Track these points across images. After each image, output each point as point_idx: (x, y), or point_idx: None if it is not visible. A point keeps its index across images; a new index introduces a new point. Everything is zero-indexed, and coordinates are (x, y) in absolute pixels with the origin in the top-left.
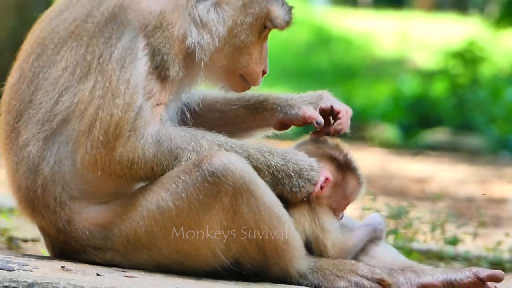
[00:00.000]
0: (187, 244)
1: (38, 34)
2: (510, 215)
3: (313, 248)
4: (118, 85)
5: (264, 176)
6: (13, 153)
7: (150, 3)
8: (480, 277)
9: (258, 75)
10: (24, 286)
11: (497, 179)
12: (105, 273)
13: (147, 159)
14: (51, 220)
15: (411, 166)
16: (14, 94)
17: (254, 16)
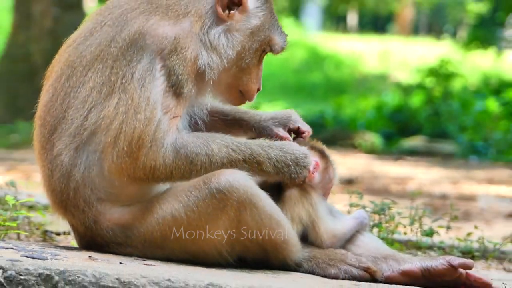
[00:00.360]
0: (196, 246)
1: (67, 57)
2: (478, 211)
3: (308, 234)
4: (140, 102)
5: (267, 167)
6: (48, 162)
7: (166, 30)
8: (453, 264)
9: (255, 92)
10: (56, 273)
11: (467, 180)
12: (127, 262)
13: (167, 165)
14: (80, 219)
15: (392, 168)
16: (49, 110)
17: (259, 42)
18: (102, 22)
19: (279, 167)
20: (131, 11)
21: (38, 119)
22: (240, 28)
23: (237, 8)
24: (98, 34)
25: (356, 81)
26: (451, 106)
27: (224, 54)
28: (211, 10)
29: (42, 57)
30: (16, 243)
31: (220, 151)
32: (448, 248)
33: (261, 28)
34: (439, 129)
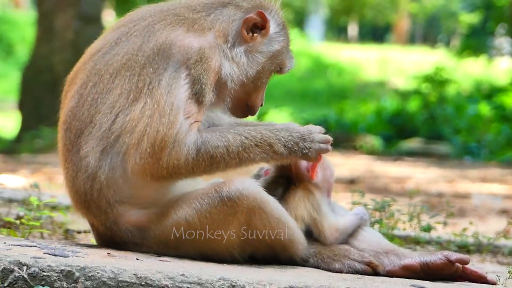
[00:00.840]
0: (208, 248)
1: (93, 66)
2: (473, 208)
3: (312, 230)
4: (165, 107)
5: (279, 148)
6: (73, 163)
7: (191, 41)
8: (450, 259)
9: (259, 107)
10: (77, 269)
11: (461, 179)
12: (143, 258)
13: (189, 163)
14: (101, 219)
15: (392, 169)
16: (75, 115)
17: (276, 64)
18: (128, 33)
19: (289, 146)
20: (158, 22)
21: (63, 123)
22: (262, 50)
23: (260, 32)
24: (124, 44)
25: (357, 88)
26: (446, 110)
27: (244, 71)
28: (235, 30)
29: (64, 68)
30: (39, 241)
31: (235, 140)
32: (445, 242)
33: (280, 52)
34: (435, 132)
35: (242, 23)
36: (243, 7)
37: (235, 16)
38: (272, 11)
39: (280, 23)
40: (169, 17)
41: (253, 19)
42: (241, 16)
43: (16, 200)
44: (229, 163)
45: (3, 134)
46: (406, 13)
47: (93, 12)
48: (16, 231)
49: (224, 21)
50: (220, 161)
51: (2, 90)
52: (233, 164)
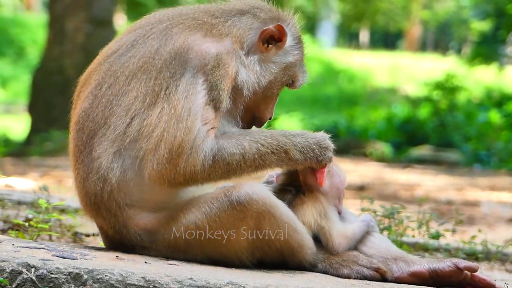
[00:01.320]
0: (217, 252)
1: (108, 67)
2: (482, 216)
3: (320, 238)
4: (182, 112)
5: (294, 154)
6: (84, 164)
7: (209, 46)
8: (459, 267)
9: (266, 120)
10: (85, 272)
11: (471, 187)
12: (152, 262)
13: (205, 169)
14: (110, 222)
15: (401, 176)
16: (88, 116)
17: (288, 76)
18: (145, 35)
19: (305, 152)
20: (176, 26)
21: (75, 124)
22: (276, 61)
23: (275, 44)
24: (141, 46)
25: (367, 94)
26: (456, 117)
27: (257, 78)
28: (251, 38)
29: (75, 71)
30: (48, 244)
31: (251, 148)
32: (454, 250)
33: (294, 65)
34: (445, 139)
35: (260, 34)
36: (261, 17)
37: (253, 25)
38: (289, 24)
39: (296, 37)
40: (187, 21)
41: (271, 32)
42: (258, 25)
43: (25, 202)
44: (245, 170)
45: (13, 136)
46: (417, 20)
47: (105, 16)
48: (25, 233)
49: (241, 28)
50: (236, 168)
51: (13, 92)
52: (249, 171)
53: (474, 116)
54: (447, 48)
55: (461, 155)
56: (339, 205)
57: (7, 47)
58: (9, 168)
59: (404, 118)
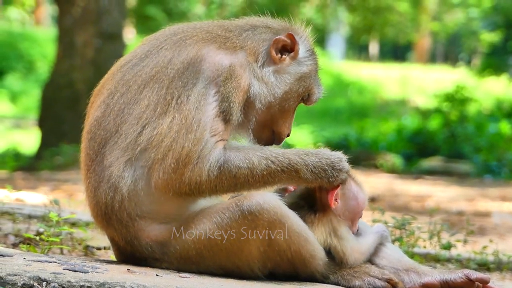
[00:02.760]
0: (229, 263)
1: (121, 76)
2: (493, 226)
3: (334, 255)
4: (192, 123)
5: (304, 174)
6: (96, 173)
7: (222, 57)
8: (470, 278)
9: (285, 136)
10: (96, 285)
11: (482, 197)
12: (163, 275)
13: (211, 180)
14: (122, 233)
15: (412, 187)
16: (100, 125)
17: (304, 88)
18: (159, 46)
19: (316, 172)
20: (190, 37)
21: (87, 133)
22: (290, 71)
23: (289, 54)
24: (154, 56)
25: (377, 106)
26: (466, 128)
27: (272, 90)
28: (265, 50)
29: (85, 85)
30: (59, 257)
31: (260, 164)
32: (465, 260)
33: (308, 76)
34: (456, 150)
35: (272, 43)
36: (274, 29)
37: (266, 36)
38: (302, 36)
39: (309, 49)
40: (201, 33)
41: (282, 41)
42: (271, 37)
43: (35, 216)
44: (253, 184)
45: (23, 151)
46: (427, 32)
47: (114, 30)
48: (36, 247)
49: (255, 40)
50: (243, 182)
51: (23, 107)
52: (257, 186)
53: (484, 127)
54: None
55: (471, 166)
56: (352, 227)
57: (17, 62)
58: (19, 183)
59: (414, 130)
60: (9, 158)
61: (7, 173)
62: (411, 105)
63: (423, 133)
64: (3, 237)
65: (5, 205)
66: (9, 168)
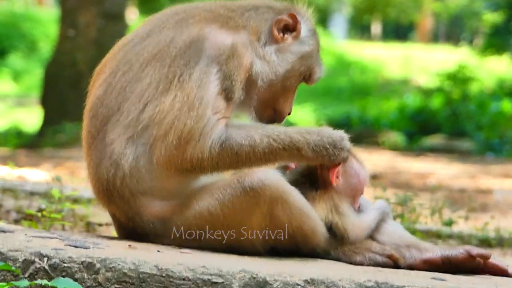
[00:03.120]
0: (231, 238)
1: (123, 55)
2: (494, 203)
3: (335, 232)
4: (194, 101)
5: (306, 152)
6: (97, 150)
7: (224, 37)
8: (471, 254)
9: (286, 114)
10: (98, 260)
11: (483, 175)
12: (164, 251)
13: (213, 157)
14: (124, 209)
15: (414, 164)
16: (102, 103)
17: (306, 67)
18: (161, 25)
19: (317, 151)
20: (192, 17)
21: (89, 111)
22: (292, 50)
23: (291, 33)
24: (156, 35)
25: (379, 85)
26: (468, 107)
27: (274, 68)
28: (267, 29)
29: (87, 65)
30: (60, 233)
31: (261, 142)
32: (467, 237)
33: (310, 55)
34: (458, 128)
35: (274, 23)
36: (276, 9)
37: (268, 16)
38: (304, 16)
39: (311, 29)
40: (204, 13)
41: (284, 20)
42: (273, 16)
43: (38, 193)
44: (255, 162)
45: (26, 129)
46: (429, 12)
47: (117, 10)
48: (38, 223)
49: (257, 20)
50: (245, 160)
51: (25, 86)
52: (258, 163)
53: (486, 106)
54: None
55: (473, 144)
56: (354, 204)
57: (19, 42)
58: (22, 160)
59: (416, 108)
60: (11, 136)
61: (10, 150)
62: (413, 84)
63: (425, 111)
64: (5, 213)
65: (7, 182)
66: (11, 146)
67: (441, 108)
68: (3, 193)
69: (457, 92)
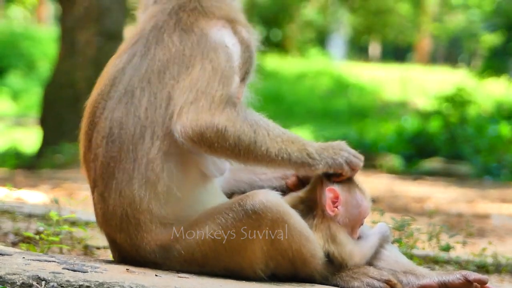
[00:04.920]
0: (233, 263)
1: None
2: (492, 228)
3: (332, 259)
4: (225, 66)
5: (311, 151)
6: (124, 172)
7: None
8: (468, 279)
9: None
10: (95, 285)
11: (481, 199)
12: (162, 275)
13: (236, 129)
14: (127, 234)
15: (412, 188)
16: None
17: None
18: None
19: (319, 152)
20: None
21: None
22: None
23: None
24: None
25: (377, 107)
26: (466, 130)
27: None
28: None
29: (86, 84)
30: (58, 257)
31: (274, 128)
32: (464, 262)
33: None
34: (455, 152)
35: None
36: None
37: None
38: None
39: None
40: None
41: None
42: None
43: (35, 215)
44: (269, 148)
45: (24, 149)
46: (428, 33)
47: (116, 29)
48: (35, 246)
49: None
50: (260, 141)
51: (24, 105)
52: (272, 151)
53: (484, 129)
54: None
55: (471, 168)
56: (352, 234)
57: (18, 61)
58: (20, 181)
59: (414, 131)
60: (9, 156)
61: (8, 171)
62: (411, 107)
63: (423, 135)
64: (2, 235)
65: (5, 204)
66: (9, 167)
67: (439, 131)
68: (1, 215)
69: (455, 115)
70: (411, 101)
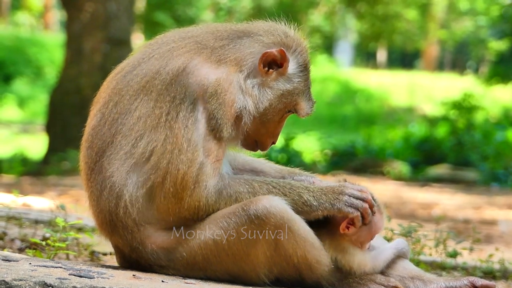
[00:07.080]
0: (236, 268)
1: (115, 85)
2: (499, 234)
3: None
4: (182, 143)
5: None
6: (97, 182)
7: (208, 72)
8: (475, 285)
9: (268, 145)
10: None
11: (488, 205)
12: (168, 281)
13: (210, 205)
14: (127, 240)
15: (419, 194)
16: (97, 134)
17: (285, 104)
18: (150, 54)
19: (317, 197)
20: (178, 49)
21: (85, 141)
22: (273, 87)
23: (276, 69)
24: (145, 65)
25: (385, 113)
26: (473, 136)
27: (256, 104)
28: (251, 62)
29: (92, 91)
30: (65, 263)
31: (261, 188)
32: (471, 268)
33: (292, 93)
34: (463, 158)
35: (261, 56)
36: (265, 42)
37: (254, 49)
38: (295, 50)
39: (302, 64)
40: (190, 44)
41: (272, 55)
42: (260, 49)
43: (42, 221)
44: None
45: (31, 156)
46: (435, 39)
47: (122, 36)
48: (42, 252)
49: (243, 52)
50: None
51: (30, 112)
52: None
53: (491, 135)
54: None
55: (478, 174)
56: (361, 247)
57: (25, 67)
58: (26, 187)
59: (421, 137)
60: (16, 163)
61: (15, 178)
62: (418, 113)
63: (430, 141)
64: (9, 242)
65: (12, 210)
66: (16, 173)
67: (446, 137)
68: (7, 221)
69: (462, 121)
70: (418, 107)
